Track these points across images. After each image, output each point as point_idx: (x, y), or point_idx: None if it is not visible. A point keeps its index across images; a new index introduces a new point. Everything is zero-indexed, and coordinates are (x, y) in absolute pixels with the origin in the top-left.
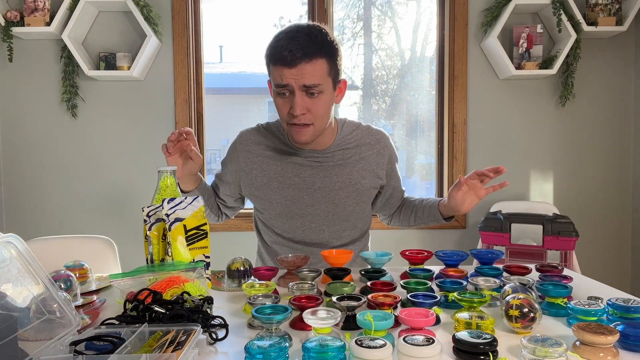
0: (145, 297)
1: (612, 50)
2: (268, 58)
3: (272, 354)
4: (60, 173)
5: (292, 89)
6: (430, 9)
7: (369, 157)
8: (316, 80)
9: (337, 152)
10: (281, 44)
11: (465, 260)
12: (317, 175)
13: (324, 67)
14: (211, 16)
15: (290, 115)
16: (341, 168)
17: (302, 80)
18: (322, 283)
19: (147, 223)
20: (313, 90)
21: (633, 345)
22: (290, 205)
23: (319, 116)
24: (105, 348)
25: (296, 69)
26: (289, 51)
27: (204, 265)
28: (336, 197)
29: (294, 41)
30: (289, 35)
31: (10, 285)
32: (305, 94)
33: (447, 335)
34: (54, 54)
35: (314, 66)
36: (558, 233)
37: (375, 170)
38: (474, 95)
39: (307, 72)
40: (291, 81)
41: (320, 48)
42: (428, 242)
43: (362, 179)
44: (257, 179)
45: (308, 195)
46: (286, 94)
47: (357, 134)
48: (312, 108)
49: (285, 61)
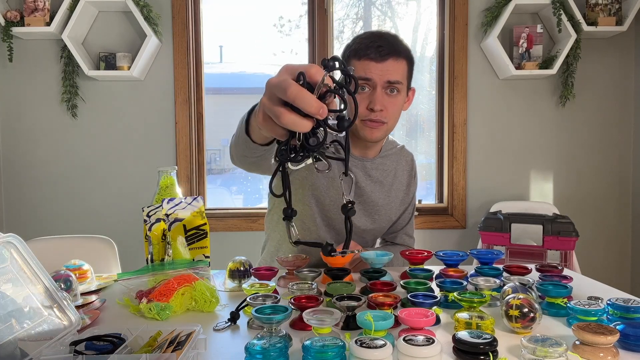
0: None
1: (612, 50)
2: (352, 53)
3: (272, 354)
4: (60, 173)
5: (374, 85)
6: (430, 9)
7: (402, 178)
8: (398, 77)
9: (381, 163)
10: (368, 41)
11: (465, 260)
12: (365, 186)
13: (405, 68)
14: (211, 16)
15: (369, 110)
16: (382, 185)
17: (386, 76)
18: (322, 283)
19: (147, 223)
20: (394, 87)
21: (633, 345)
22: (336, 209)
23: (394, 116)
24: (105, 348)
25: (383, 64)
26: (378, 46)
27: (208, 263)
28: (375, 214)
29: (382, 39)
30: (375, 35)
31: (10, 285)
32: (385, 91)
33: (447, 335)
34: (54, 54)
35: (399, 65)
36: (558, 233)
37: (406, 192)
38: (474, 95)
39: (392, 69)
40: (375, 76)
41: (404, 50)
42: (428, 242)
43: (395, 199)
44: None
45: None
46: (365, 88)
47: (395, 152)
48: (389, 106)
49: (373, 56)
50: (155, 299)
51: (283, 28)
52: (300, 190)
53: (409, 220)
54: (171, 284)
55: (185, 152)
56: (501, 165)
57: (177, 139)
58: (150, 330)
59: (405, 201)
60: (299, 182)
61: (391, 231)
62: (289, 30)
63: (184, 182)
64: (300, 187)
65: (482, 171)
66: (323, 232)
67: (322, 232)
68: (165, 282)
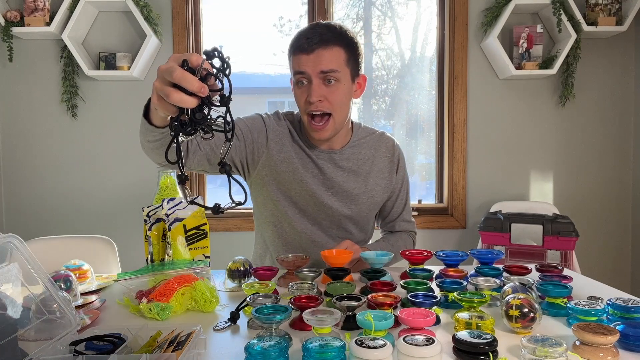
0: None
1: (612, 50)
2: (289, 50)
3: (272, 354)
4: (60, 173)
5: (309, 77)
6: (430, 9)
7: (382, 165)
8: (333, 66)
9: (352, 153)
10: (301, 34)
11: (465, 260)
12: (335, 177)
13: (341, 55)
14: (211, 16)
15: (307, 103)
16: (357, 174)
17: (319, 66)
18: (322, 283)
19: (147, 223)
20: (330, 77)
21: (633, 345)
22: (306, 201)
23: (337, 105)
24: (105, 348)
25: (313, 55)
26: (307, 38)
27: (208, 263)
28: (352, 203)
29: (312, 30)
30: (309, 27)
31: (10, 285)
32: (322, 81)
33: (447, 335)
34: (54, 54)
35: (331, 52)
36: (558, 233)
37: (388, 178)
38: (474, 95)
39: (323, 59)
40: (308, 68)
41: (337, 36)
42: (428, 242)
43: (376, 186)
44: (280, 167)
45: (327, 196)
46: (304, 83)
47: (371, 139)
48: (329, 96)
49: (303, 48)
50: (155, 299)
51: (283, 28)
52: (265, 189)
53: (404, 206)
54: (171, 284)
55: None
56: (501, 165)
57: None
58: (150, 330)
59: (389, 187)
60: (261, 180)
61: (389, 220)
62: (289, 30)
63: None
64: (264, 185)
65: (482, 171)
66: (299, 223)
67: (299, 223)
68: (165, 282)
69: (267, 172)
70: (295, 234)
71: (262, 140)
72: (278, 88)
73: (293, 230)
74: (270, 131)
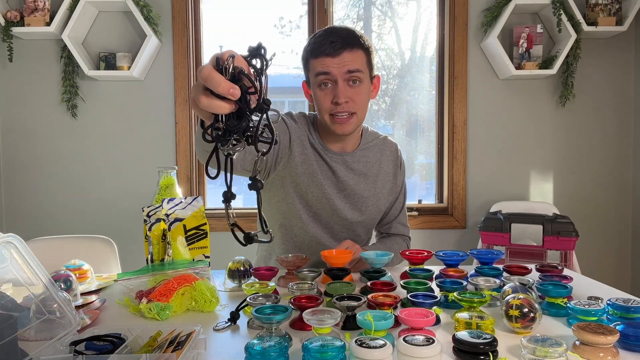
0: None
1: (612, 50)
2: (309, 53)
3: (272, 354)
4: (60, 173)
5: (334, 79)
6: (430, 9)
7: (388, 168)
8: (358, 66)
9: (362, 155)
10: (322, 38)
11: (465, 260)
12: (347, 180)
13: (362, 57)
14: (211, 16)
15: (334, 105)
16: (366, 177)
17: (345, 67)
18: (322, 283)
19: (147, 223)
20: (355, 77)
21: (633, 345)
22: (321, 205)
23: (361, 106)
24: (105, 348)
25: (339, 58)
26: (331, 42)
27: (208, 263)
28: (362, 206)
29: (334, 34)
30: (327, 31)
31: (10, 285)
32: (347, 82)
33: (447, 335)
34: (54, 54)
35: (355, 55)
36: (558, 233)
37: (393, 182)
38: (474, 95)
39: (349, 60)
40: (334, 69)
41: (358, 40)
42: (428, 242)
43: (383, 189)
44: (299, 170)
45: (339, 199)
46: (328, 84)
47: (377, 142)
48: (354, 96)
49: (328, 51)
50: (155, 299)
51: (283, 28)
52: (282, 190)
53: (401, 210)
54: (171, 284)
55: (185, 152)
56: (501, 165)
57: (177, 139)
58: (150, 330)
59: (393, 190)
60: (280, 181)
61: (385, 222)
62: (289, 30)
63: (184, 182)
64: (282, 186)
65: (482, 171)
66: (311, 227)
67: (311, 227)
68: (165, 282)
69: (287, 173)
70: (306, 237)
71: (285, 142)
72: (278, 88)
73: (305, 233)
74: (293, 132)
